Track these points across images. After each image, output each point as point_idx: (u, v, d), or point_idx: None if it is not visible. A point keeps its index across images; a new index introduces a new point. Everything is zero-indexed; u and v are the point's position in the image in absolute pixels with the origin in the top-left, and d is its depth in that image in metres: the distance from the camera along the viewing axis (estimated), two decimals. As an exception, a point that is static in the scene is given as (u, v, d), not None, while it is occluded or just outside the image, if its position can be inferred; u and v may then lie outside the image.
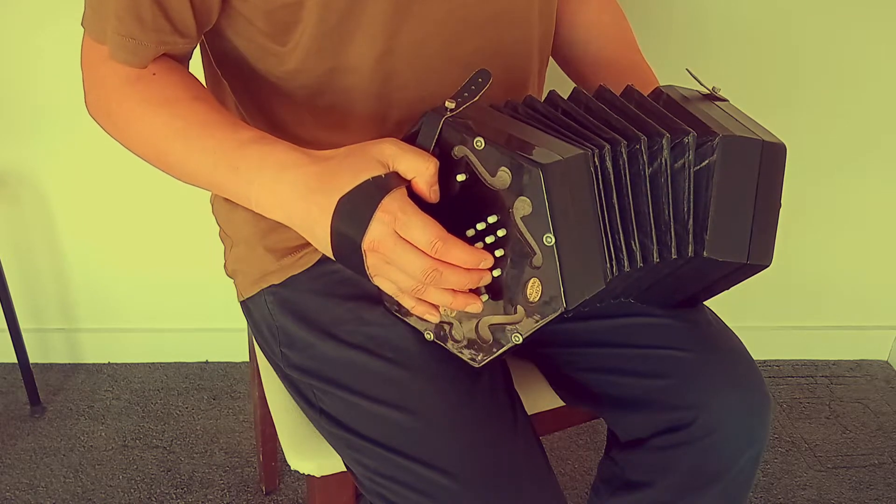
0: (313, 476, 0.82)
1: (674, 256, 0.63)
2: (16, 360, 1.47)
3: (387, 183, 0.59)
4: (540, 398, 0.88)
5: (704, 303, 0.82)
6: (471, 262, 0.59)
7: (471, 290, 0.62)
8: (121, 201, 1.48)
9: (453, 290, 0.60)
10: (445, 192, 0.62)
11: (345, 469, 0.78)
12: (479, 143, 0.59)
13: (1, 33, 1.31)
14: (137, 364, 1.64)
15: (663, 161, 0.62)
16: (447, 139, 0.61)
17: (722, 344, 0.79)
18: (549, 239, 0.57)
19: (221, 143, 0.65)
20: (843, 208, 1.61)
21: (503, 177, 0.59)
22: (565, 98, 0.69)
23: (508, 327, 0.62)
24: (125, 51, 0.66)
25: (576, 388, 0.85)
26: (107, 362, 1.65)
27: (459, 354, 0.67)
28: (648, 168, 0.62)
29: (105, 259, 1.54)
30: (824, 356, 1.78)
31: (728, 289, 0.72)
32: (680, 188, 0.62)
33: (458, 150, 0.61)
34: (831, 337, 1.76)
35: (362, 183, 0.58)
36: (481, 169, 0.60)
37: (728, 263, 0.64)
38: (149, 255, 1.54)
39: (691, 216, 0.62)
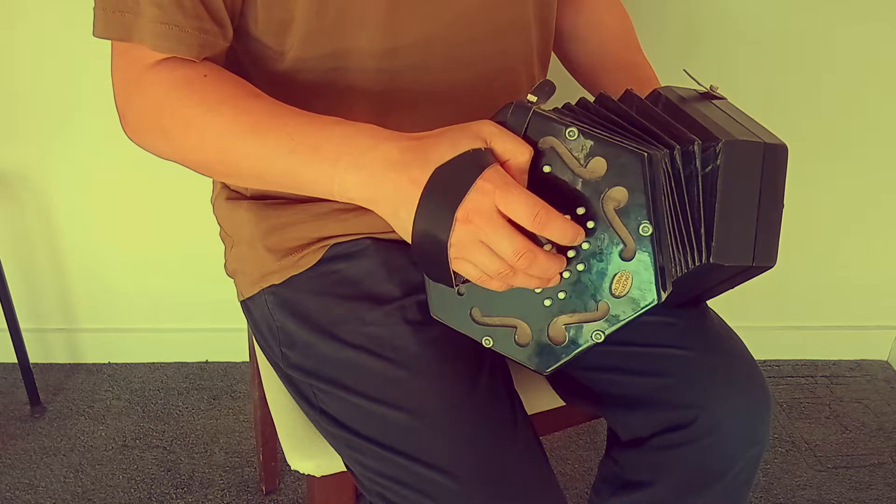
0: (313, 476, 0.82)
1: (696, 264, 0.63)
2: (16, 360, 1.47)
3: (487, 156, 0.57)
4: (540, 398, 0.88)
5: (705, 302, 0.82)
6: (570, 235, 0.57)
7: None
8: (121, 201, 1.48)
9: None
10: (528, 185, 0.60)
11: (345, 469, 0.78)
12: (573, 132, 0.58)
13: (1, 34, 1.31)
14: (137, 364, 1.64)
15: (678, 171, 0.62)
16: (533, 130, 0.59)
17: (723, 343, 0.79)
18: (647, 228, 0.57)
19: (298, 129, 0.62)
20: (843, 208, 1.61)
21: (596, 166, 0.58)
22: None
23: (588, 325, 0.61)
24: (169, 39, 0.64)
25: (576, 387, 0.85)
26: (107, 362, 1.65)
27: (524, 363, 0.64)
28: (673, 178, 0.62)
29: (105, 259, 1.54)
30: (824, 356, 1.78)
31: (732, 288, 0.72)
32: (693, 195, 0.62)
33: (545, 142, 0.59)
34: (831, 337, 1.76)
35: (462, 153, 0.56)
36: (570, 160, 0.59)
37: (733, 266, 0.64)
38: (149, 255, 1.54)
39: (702, 222, 0.62)
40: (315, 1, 0.67)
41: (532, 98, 0.60)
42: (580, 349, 0.62)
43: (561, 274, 0.60)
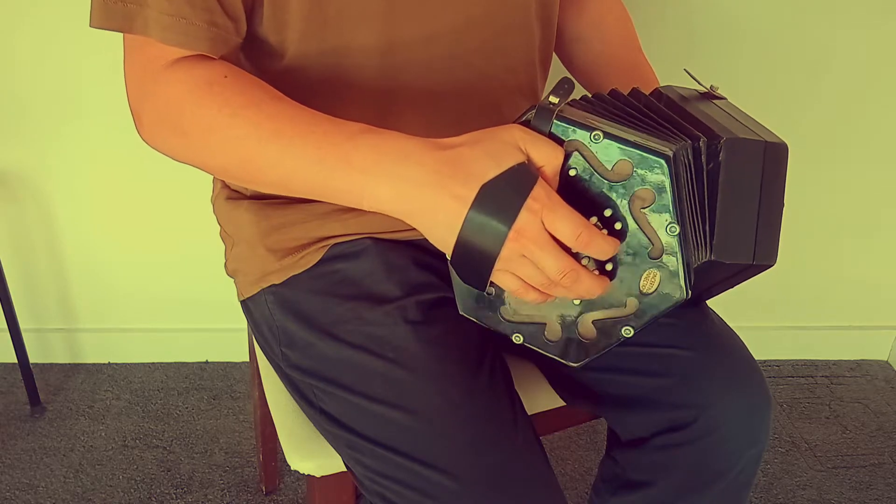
0: (313, 476, 0.81)
1: (700, 261, 0.63)
2: (16, 360, 1.47)
3: (531, 170, 0.57)
4: (540, 398, 0.88)
5: (705, 302, 0.82)
6: (609, 251, 0.57)
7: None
8: (121, 201, 1.48)
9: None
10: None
11: (345, 469, 0.78)
12: (598, 136, 0.58)
13: (1, 34, 1.31)
14: (137, 364, 1.64)
15: (689, 166, 0.62)
16: (558, 133, 0.59)
17: (724, 343, 0.79)
18: (674, 228, 0.58)
19: (326, 137, 0.60)
20: (843, 208, 1.61)
21: (622, 168, 0.58)
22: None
23: (616, 321, 0.62)
24: (176, 31, 0.63)
25: (576, 387, 0.85)
26: (107, 362, 1.65)
27: (556, 357, 0.65)
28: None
29: (105, 259, 1.54)
30: (824, 356, 1.78)
31: (731, 287, 0.72)
32: (700, 192, 0.63)
33: (570, 145, 0.59)
34: (831, 337, 1.76)
35: (508, 169, 0.56)
36: (596, 162, 0.59)
37: (733, 264, 0.64)
38: (149, 255, 1.54)
39: (707, 219, 0.63)
40: None
41: (553, 100, 0.60)
42: (610, 345, 0.63)
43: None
